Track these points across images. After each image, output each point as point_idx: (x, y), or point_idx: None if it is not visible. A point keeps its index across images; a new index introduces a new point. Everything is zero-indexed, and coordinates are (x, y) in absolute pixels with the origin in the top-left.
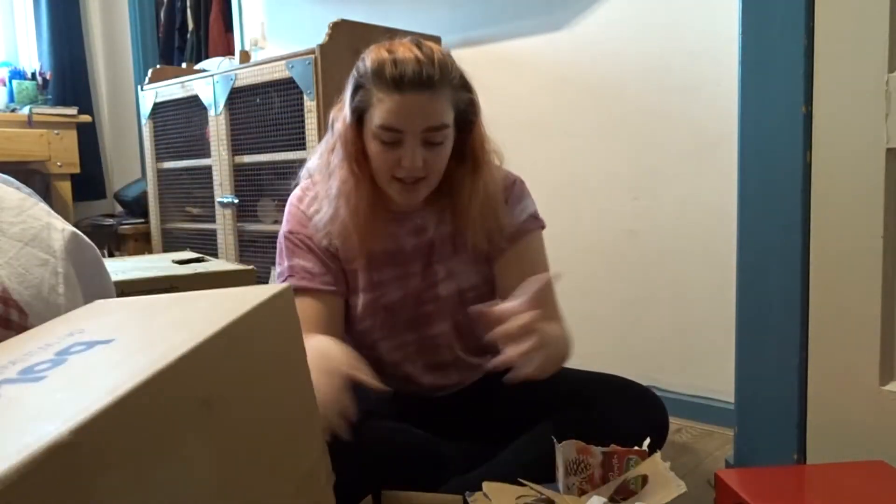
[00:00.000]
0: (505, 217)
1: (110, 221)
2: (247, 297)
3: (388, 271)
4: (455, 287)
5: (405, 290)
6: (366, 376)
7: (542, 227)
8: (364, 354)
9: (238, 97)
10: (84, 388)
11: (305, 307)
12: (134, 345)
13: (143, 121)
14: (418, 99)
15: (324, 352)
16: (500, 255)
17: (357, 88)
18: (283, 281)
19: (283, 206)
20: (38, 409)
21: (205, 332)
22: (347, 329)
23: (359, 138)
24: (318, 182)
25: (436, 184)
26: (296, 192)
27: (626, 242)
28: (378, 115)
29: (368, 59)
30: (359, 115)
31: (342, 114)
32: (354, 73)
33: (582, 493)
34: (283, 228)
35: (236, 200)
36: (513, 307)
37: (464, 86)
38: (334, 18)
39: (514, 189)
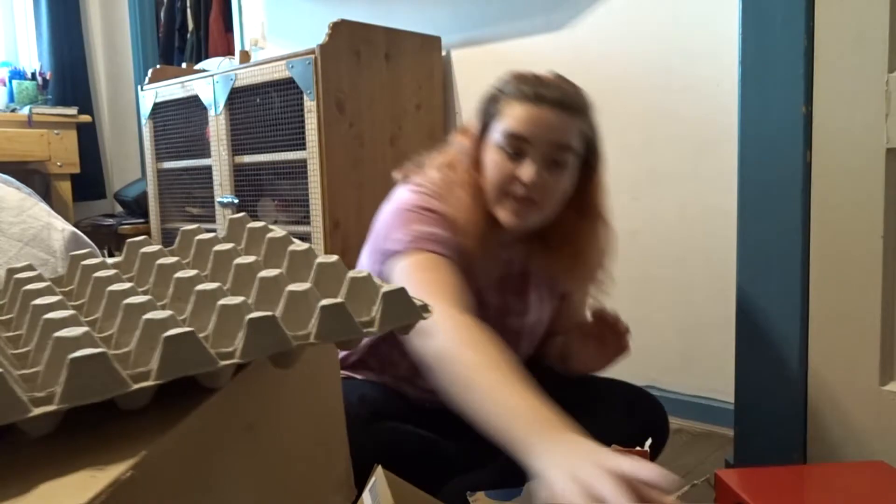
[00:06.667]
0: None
1: (110, 221)
2: None
3: (483, 283)
4: (533, 319)
5: (488, 310)
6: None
7: None
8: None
9: (238, 97)
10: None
11: (448, 274)
12: None
13: (143, 121)
14: (552, 114)
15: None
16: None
17: (492, 100)
18: (416, 247)
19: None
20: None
21: None
22: None
23: (479, 151)
24: (436, 193)
25: (546, 218)
26: (408, 197)
27: (626, 242)
28: (506, 122)
29: (511, 75)
30: (484, 126)
31: (470, 126)
32: (491, 89)
33: None
34: (402, 215)
35: (236, 200)
36: None
37: (595, 131)
38: (334, 18)
39: None
